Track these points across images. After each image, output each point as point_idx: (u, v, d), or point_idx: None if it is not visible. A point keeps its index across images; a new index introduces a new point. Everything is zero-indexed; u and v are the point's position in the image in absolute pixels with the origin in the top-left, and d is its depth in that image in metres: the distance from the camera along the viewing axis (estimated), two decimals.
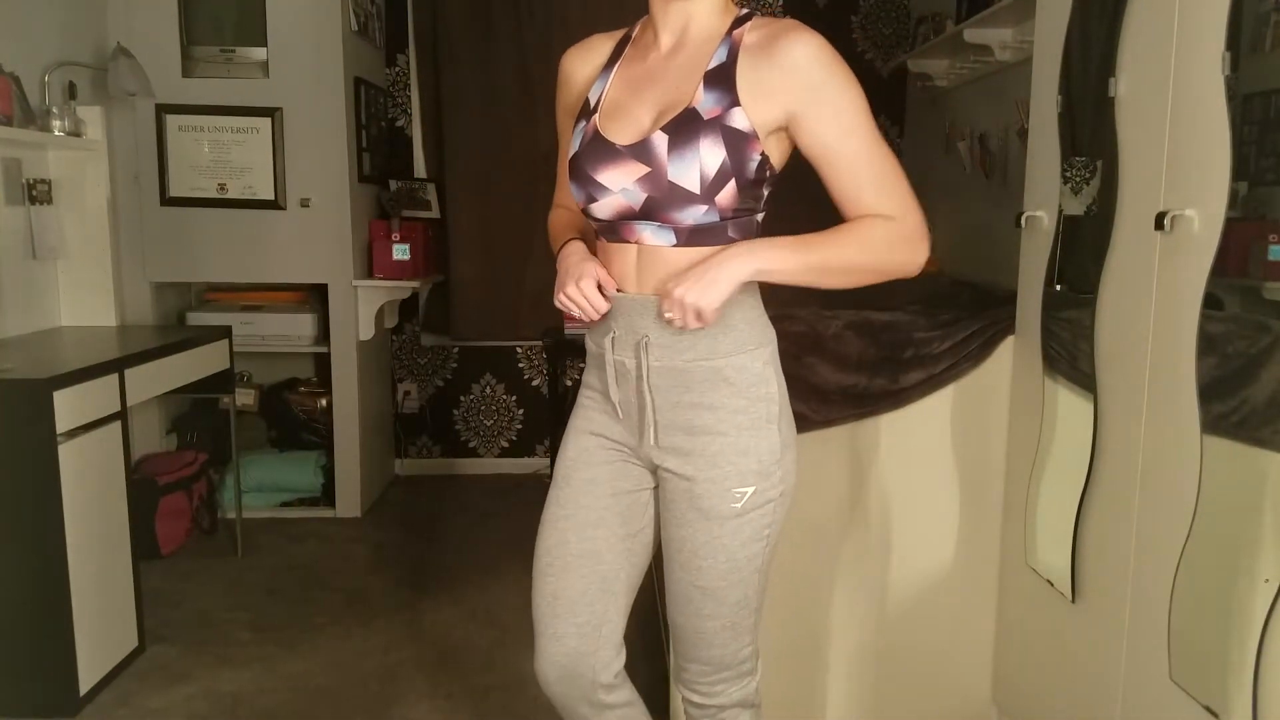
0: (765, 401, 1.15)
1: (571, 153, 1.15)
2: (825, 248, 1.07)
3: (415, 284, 3.26)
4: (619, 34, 1.24)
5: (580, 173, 1.13)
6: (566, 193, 1.23)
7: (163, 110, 2.96)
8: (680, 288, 1.05)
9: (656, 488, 1.22)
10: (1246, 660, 1.09)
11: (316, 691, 2.08)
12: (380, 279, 3.20)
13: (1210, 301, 1.18)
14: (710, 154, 1.05)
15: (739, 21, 1.12)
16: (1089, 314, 1.45)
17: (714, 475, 1.13)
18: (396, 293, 3.30)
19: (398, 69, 3.56)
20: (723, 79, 1.08)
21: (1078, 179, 1.51)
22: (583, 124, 1.16)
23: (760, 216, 1.14)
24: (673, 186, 1.06)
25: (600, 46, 1.23)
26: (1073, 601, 1.52)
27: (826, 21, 3.50)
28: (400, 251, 3.18)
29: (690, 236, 1.10)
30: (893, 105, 3.55)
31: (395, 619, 2.44)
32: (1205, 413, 1.17)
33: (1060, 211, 1.55)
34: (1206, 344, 1.18)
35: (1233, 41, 1.13)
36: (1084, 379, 1.48)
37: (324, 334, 3.21)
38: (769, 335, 1.18)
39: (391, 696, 2.06)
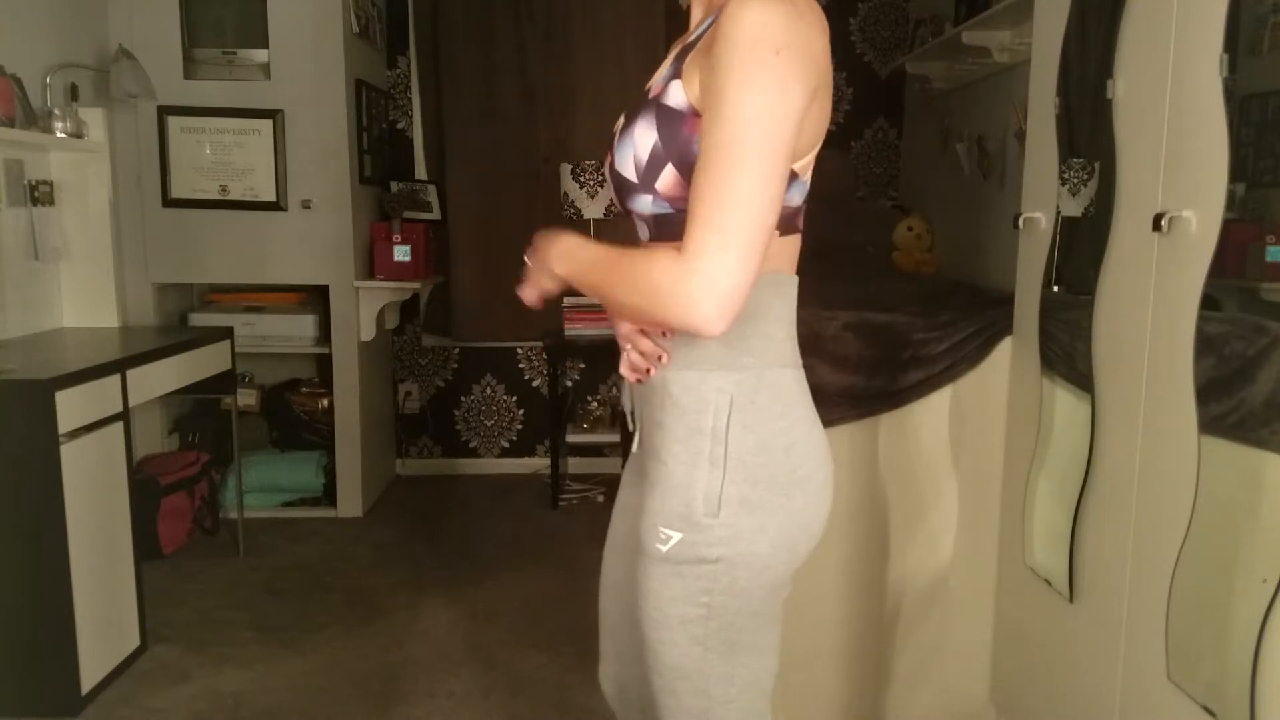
0: (707, 437, 0.93)
1: None
2: (604, 271, 0.91)
3: (416, 285, 3.27)
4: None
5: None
6: None
7: (164, 112, 2.96)
8: (530, 265, 1.02)
9: None
10: (1244, 660, 1.09)
11: (318, 691, 2.08)
12: (381, 280, 3.20)
13: (1208, 302, 1.17)
14: (643, 136, 0.91)
15: None
16: (1087, 315, 1.45)
17: (649, 505, 0.96)
18: (397, 294, 3.31)
19: (399, 71, 3.57)
20: (684, 53, 0.93)
21: (1076, 180, 1.51)
22: None
23: None
24: (615, 175, 0.95)
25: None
26: (1071, 601, 1.52)
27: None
28: (401, 253, 3.18)
29: (656, 229, 0.95)
30: (891, 107, 3.55)
31: (396, 619, 2.44)
32: (1203, 413, 1.17)
33: (1058, 213, 1.55)
34: (1204, 345, 1.18)
35: (1231, 43, 1.13)
36: (1082, 380, 1.49)
37: (325, 335, 3.22)
38: (754, 363, 0.94)
39: (393, 696, 2.06)
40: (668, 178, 0.91)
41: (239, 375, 3.00)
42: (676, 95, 0.90)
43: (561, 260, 0.97)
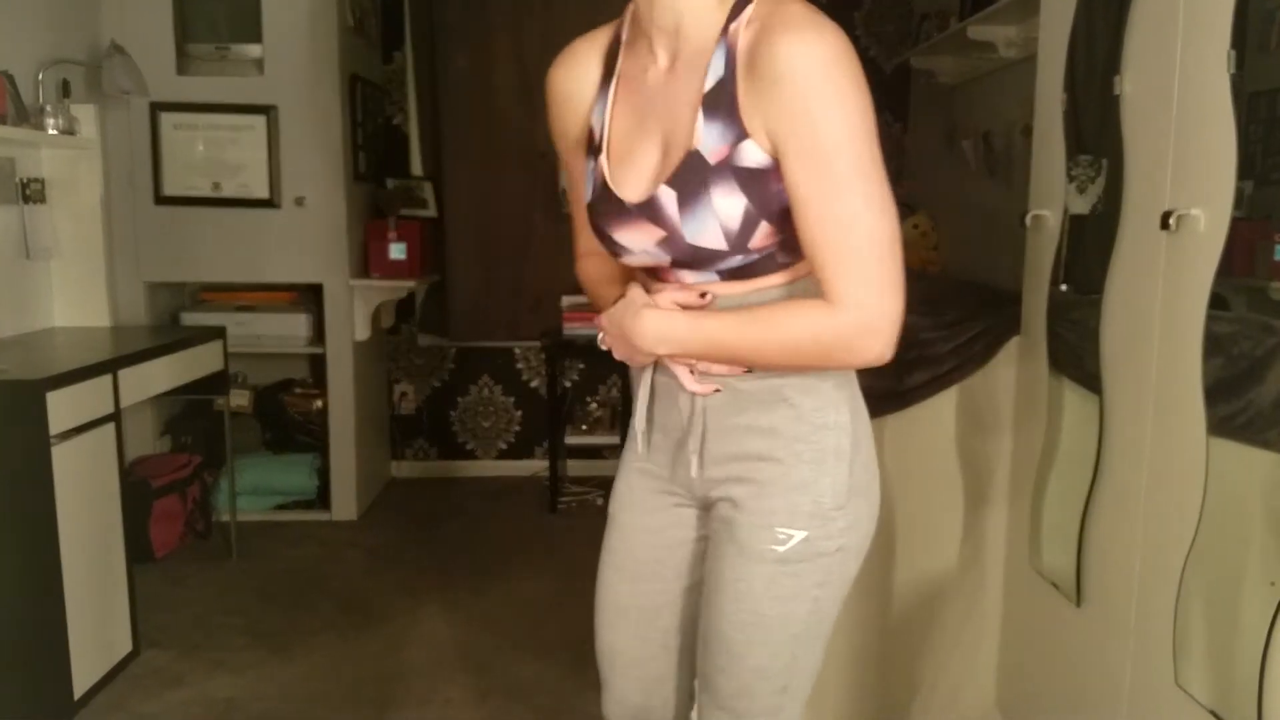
0: (834, 431, 0.96)
1: (585, 200, 0.99)
2: (746, 340, 0.89)
3: (412, 284, 3.24)
4: (605, 35, 1.02)
5: (597, 228, 0.98)
6: (590, 238, 1.03)
7: (157, 108, 2.94)
8: (607, 337, 0.97)
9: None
10: (1252, 664, 1.08)
11: (312, 697, 2.06)
12: (376, 278, 3.18)
13: (1216, 302, 1.16)
14: (727, 205, 0.88)
15: (736, 9, 0.89)
16: (1094, 314, 1.44)
17: (758, 507, 0.96)
18: (393, 292, 3.28)
19: (394, 66, 3.54)
20: (723, 102, 0.88)
21: (1083, 178, 1.50)
22: (591, 164, 0.99)
23: None
24: (695, 249, 0.91)
25: (588, 57, 1.02)
26: (1078, 605, 1.51)
27: (829, 18, 3.49)
28: (397, 251, 3.16)
29: (732, 274, 0.94)
30: (896, 102, 3.54)
31: (391, 623, 2.42)
32: (1211, 414, 1.16)
33: (1065, 211, 1.54)
34: (1212, 345, 1.16)
35: (1238, 40, 1.12)
36: (1090, 380, 1.47)
37: (319, 334, 3.19)
38: None
39: (387, 702, 2.04)
40: (761, 232, 0.90)
41: (232, 376, 2.97)
42: (754, 155, 0.87)
43: (665, 343, 0.93)
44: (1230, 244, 1.13)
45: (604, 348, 1.00)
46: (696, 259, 0.92)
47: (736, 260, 0.92)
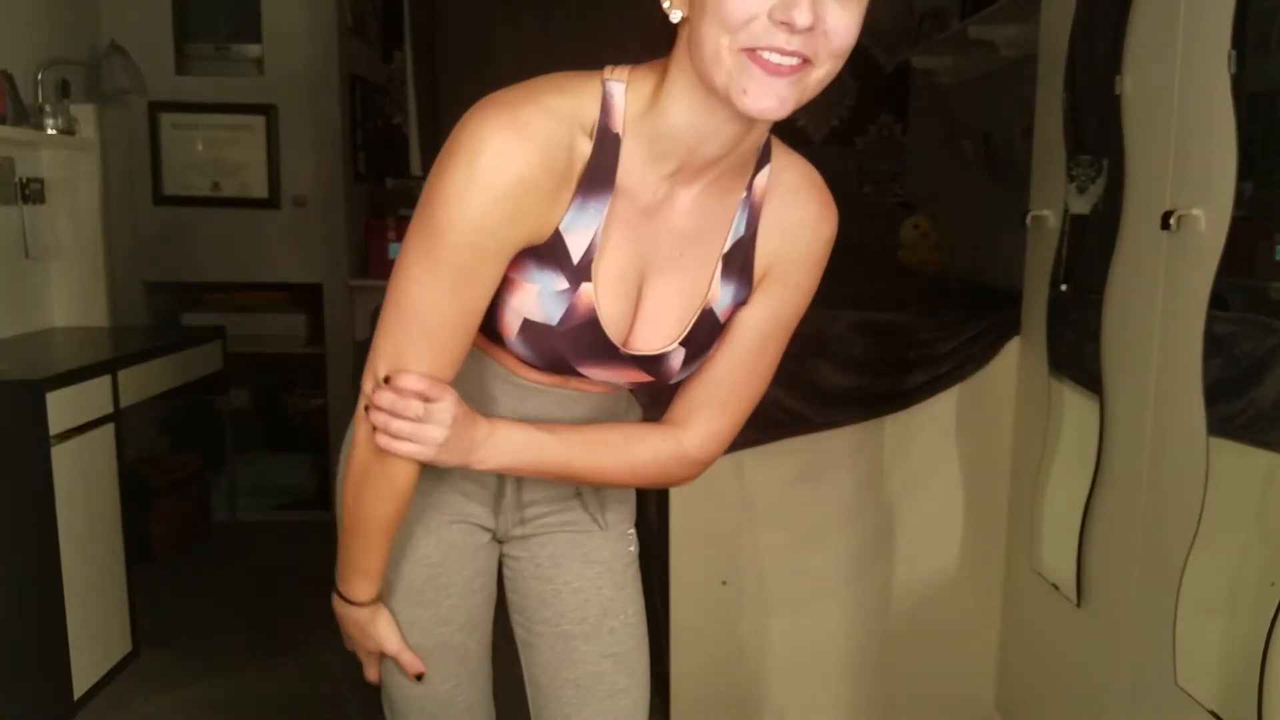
0: None
1: (548, 323, 0.80)
2: (586, 465, 0.87)
3: None
4: (571, 123, 0.76)
5: (553, 357, 0.82)
6: (447, 362, 0.80)
7: (156, 108, 2.93)
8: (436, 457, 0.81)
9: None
10: (1252, 664, 1.08)
11: (312, 696, 2.06)
12: (376, 278, 3.18)
13: (1217, 302, 1.16)
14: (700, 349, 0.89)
15: (761, 161, 0.83)
16: (1095, 314, 1.44)
17: (609, 518, 0.97)
18: None
19: (394, 66, 3.54)
20: (740, 262, 0.84)
21: (1083, 178, 1.50)
22: (560, 286, 0.79)
23: None
24: (669, 376, 0.89)
25: (559, 144, 0.75)
26: (1078, 605, 1.51)
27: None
28: (396, 251, 3.15)
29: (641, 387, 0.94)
30: (896, 102, 3.53)
31: None
32: (1212, 414, 1.16)
33: (1066, 211, 1.54)
34: (1213, 345, 1.16)
35: (1239, 40, 1.12)
36: (1090, 381, 1.47)
37: (319, 334, 3.19)
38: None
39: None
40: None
41: (231, 376, 2.97)
42: (725, 309, 0.87)
43: (497, 455, 0.84)
44: (1231, 244, 1.13)
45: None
46: (664, 377, 0.88)
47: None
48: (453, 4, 3.43)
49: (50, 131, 2.41)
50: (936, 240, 2.86)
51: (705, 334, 0.86)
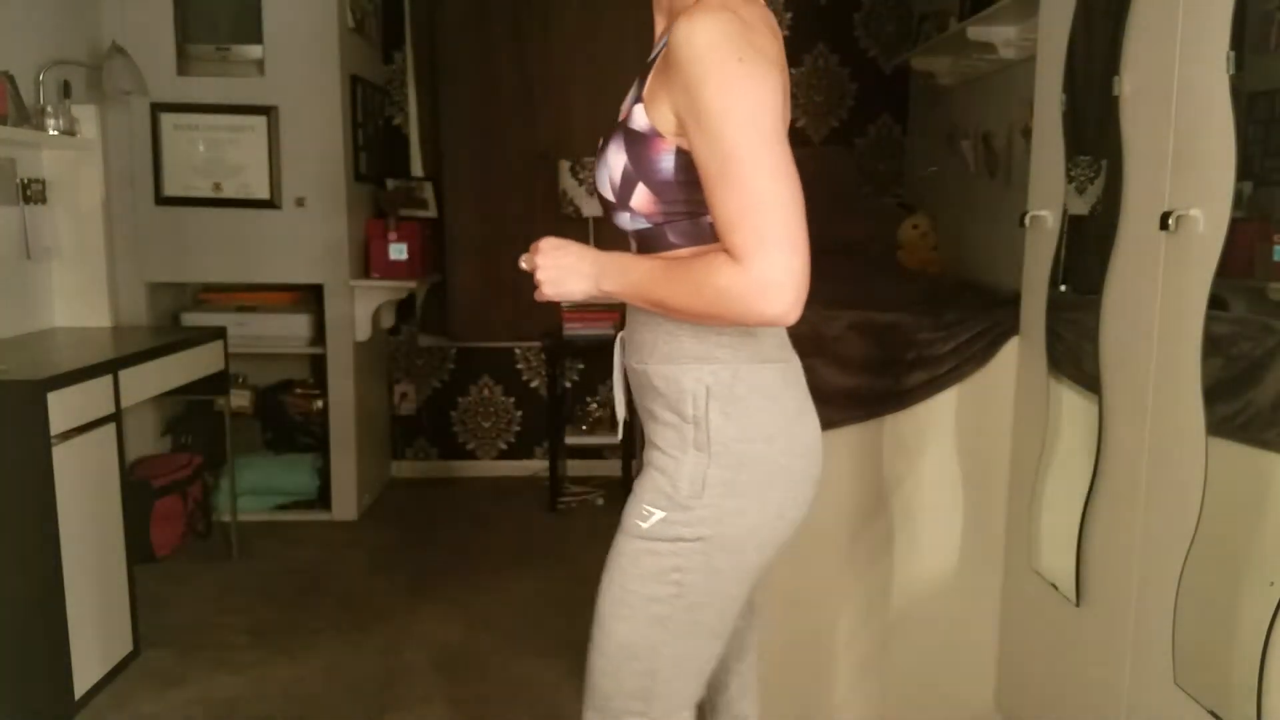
0: (691, 425, 1.00)
1: None
2: (664, 285, 0.95)
3: (412, 284, 3.24)
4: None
5: None
6: None
7: (157, 109, 2.94)
8: (539, 269, 1.02)
9: None
10: (1251, 664, 1.08)
11: (312, 697, 2.06)
12: (377, 279, 3.18)
13: (1215, 302, 1.17)
14: (615, 158, 0.99)
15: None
16: (1094, 315, 1.44)
17: (636, 486, 1.05)
18: (393, 293, 3.28)
19: (394, 66, 3.54)
20: (644, 74, 1.00)
21: (1082, 178, 1.50)
22: None
23: (708, 219, 0.96)
24: (599, 195, 1.04)
25: None
26: (1077, 605, 1.51)
27: (829, 19, 3.48)
28: (397, 251, 3.16)
29: (640, 243, 1.04)
30: (896, 103, 3.53)
31: (392, 624, 2.42)
32: (1210, 415, 1.16)
33: (1065, 211, 1.54)
34: (1211, 345, 1.17)
35: (1237, 40, 1.13)
36: (1089, 380, 1.47)
37: (320, 335, 3.19)
38: (728, 357, 1.00)
39: (388, 702, 2.04)
40: (641, 196, 0.99)
41: (232, 376, 2.97)
42: (640, 119, 0.97)
43: (611, 278, 0.99)
44: (1229, 244, 1.13)
45: (524, 267, 1.06)
46: (604, 207, 1.03)
47: (627, 218, 1.02)
48: (453, 4, 3.43)
49: (52, 132, 2.42)
50: (936, 240, 2.86)
51: (610, 132, 1.00)
